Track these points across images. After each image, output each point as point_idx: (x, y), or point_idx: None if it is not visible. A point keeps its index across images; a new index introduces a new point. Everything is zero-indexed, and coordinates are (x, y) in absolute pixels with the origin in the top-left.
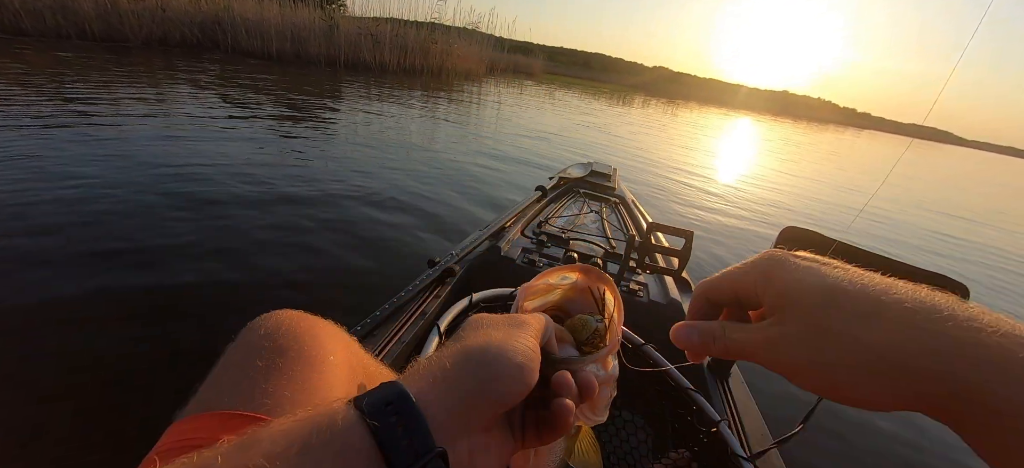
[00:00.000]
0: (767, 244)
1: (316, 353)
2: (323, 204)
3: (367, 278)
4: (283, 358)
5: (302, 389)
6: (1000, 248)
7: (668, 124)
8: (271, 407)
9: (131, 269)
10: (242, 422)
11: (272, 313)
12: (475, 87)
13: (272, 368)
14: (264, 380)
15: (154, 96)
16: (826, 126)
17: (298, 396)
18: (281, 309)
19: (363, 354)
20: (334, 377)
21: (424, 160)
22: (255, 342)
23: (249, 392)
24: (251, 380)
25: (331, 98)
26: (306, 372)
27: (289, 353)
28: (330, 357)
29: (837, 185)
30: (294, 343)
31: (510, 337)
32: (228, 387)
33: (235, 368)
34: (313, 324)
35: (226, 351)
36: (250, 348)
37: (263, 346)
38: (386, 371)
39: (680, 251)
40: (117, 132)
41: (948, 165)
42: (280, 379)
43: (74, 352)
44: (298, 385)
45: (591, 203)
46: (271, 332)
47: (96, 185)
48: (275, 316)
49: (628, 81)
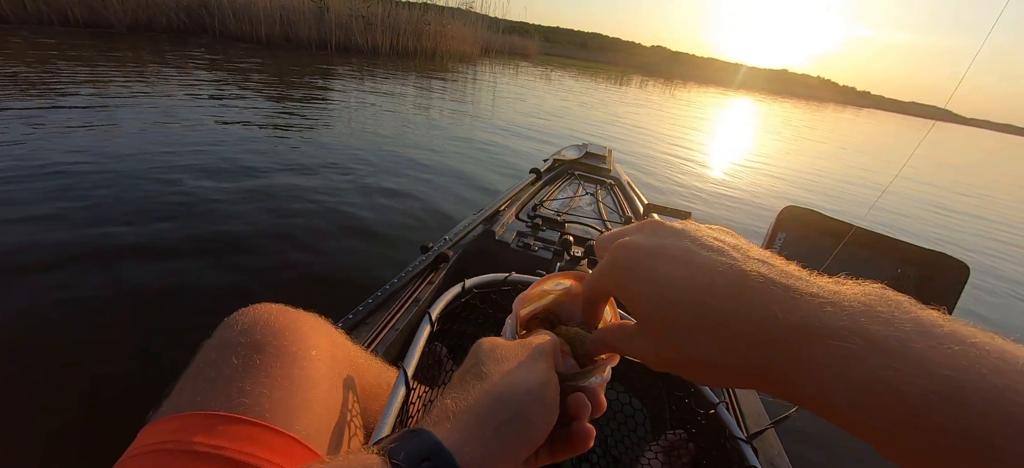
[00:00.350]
0: (766, 225)
1: (297, 349)
2: (312, 191)
3: (358, 266)
4: (261, 355)
5: (281, 387)
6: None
7: (665, 104)
8: (248, 406)
9: (106, 260)
10: (218, 423)
11: (250, 307)
12: (470, 69)
13: (249, 366)
14: (241, 379)
15: (140, 83)
16: (825, 105)
17: (277, 394)
18: (261, 303)
19: (350, 347)
20: (316, 373)
21: (417, 144)
22: (231, 339)
23: (225, 392)
24: (227, 379)
25: (322, 82)
26: (286, 369)
27: (268, 349)
28: (312, 352)
29: (842, 164)
30: (273, 339)
31: (532, 372)
32: (203, 387)
33: (210, 367)
34: (294, 318)
35: (201, 349)
36: (226, 345)
37: (240, 343)
38: (375, 363)
39: None
40: (101, 120)
41: (951, 145)
42: (258, 377)
43: (42, 347)
44: (277, 383)
45: (586, 185)
46: (248, 328)
47: (77, 174)
48: (253, 311)
49: (626, 61)
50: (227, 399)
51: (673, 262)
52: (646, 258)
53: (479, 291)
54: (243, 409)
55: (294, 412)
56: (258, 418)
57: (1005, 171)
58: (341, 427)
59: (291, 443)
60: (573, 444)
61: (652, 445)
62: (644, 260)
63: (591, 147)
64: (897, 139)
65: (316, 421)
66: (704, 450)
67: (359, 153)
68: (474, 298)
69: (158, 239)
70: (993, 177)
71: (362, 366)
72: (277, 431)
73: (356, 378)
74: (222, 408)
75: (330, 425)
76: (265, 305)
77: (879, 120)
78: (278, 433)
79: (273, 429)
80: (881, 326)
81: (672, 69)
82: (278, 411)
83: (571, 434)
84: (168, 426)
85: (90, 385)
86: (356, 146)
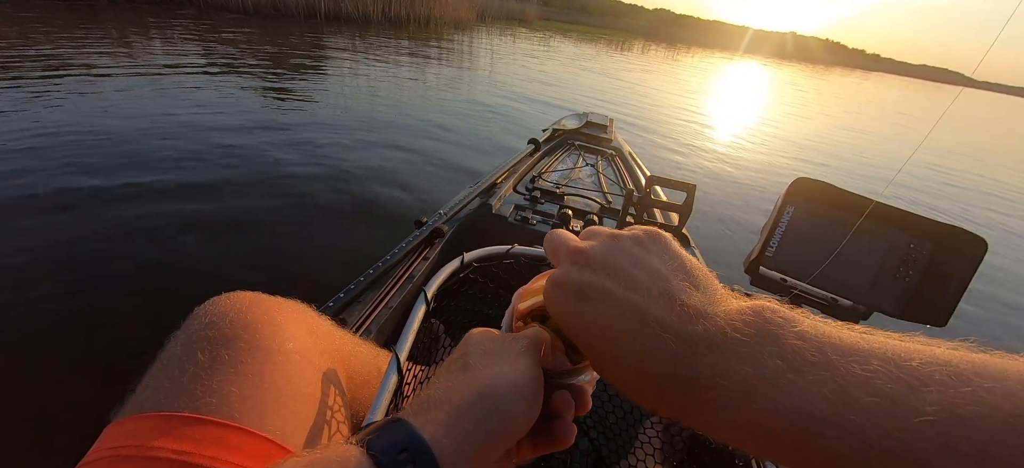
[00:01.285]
0: (774, 196)
1: (271, 341)
2: (302, 166)
3: (350, 242)
4: (230, 349)
5: (252, 383)
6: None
7: (667, 70)
8: (215, 406)
9: (79, 243)
10: (181, 425)
11: (221, 297)
12: (465, 37)
13: (217, 361)
14: (207, 376)
15: (125, 55)
16: (831, 69)
17: (248, 391)
18: (234, 292)
19: (335, 333)
20: (292, 366)
21: (410, 114)
22: (198, 333)
23: (189, 390)
24: (192, 377)
25: (311, 52)
26: (258, 364)
27: (238, 343)
28: (288, 345)
29: (852, 131)
30: (244, 332)
31: (516, 366)
32: (166, 385)
33: (174, 363)
34: (269, 307)
35: (166, 343)
36: (192, 340)
37: (206, 337)
38: (366, 348)
39: (681, 206)
40: (83, 93)
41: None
42: (226, 374)
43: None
44: (248, 379)
45: (586, 156)
46: (216, 320)
47: (55, 149)
48: (224, 301)
49: (628, 25)
50: (192, 399)
51: (593, 304)
52: (572, 302)
53: (479, 264)
54: (209, 409)
55: (267, 410)
56: (226, 418)
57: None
58: (324, 422)
59: (263, 444)
60: (555, 440)
61: (650, 421)
62: (570, 304)
63: (592, 116)
64: (905, 105)
65: (293, 418)
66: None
67: (349, 127)
68: (474, 272)
69: (137, 218)
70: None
71: (350, 353)
72: (247, 431)
73: (343, 367)
74: (186, 409)
75: (311, 421)
76: (238, 294)
77: (888, 84)
78: (248, 434)
79: (242, 430)
80: (752, 366)
81: (675, 33)
82: (249, 410)
83: (553, 430)
84: (129, 427)
85: (51, 379)
86: (347, 119)
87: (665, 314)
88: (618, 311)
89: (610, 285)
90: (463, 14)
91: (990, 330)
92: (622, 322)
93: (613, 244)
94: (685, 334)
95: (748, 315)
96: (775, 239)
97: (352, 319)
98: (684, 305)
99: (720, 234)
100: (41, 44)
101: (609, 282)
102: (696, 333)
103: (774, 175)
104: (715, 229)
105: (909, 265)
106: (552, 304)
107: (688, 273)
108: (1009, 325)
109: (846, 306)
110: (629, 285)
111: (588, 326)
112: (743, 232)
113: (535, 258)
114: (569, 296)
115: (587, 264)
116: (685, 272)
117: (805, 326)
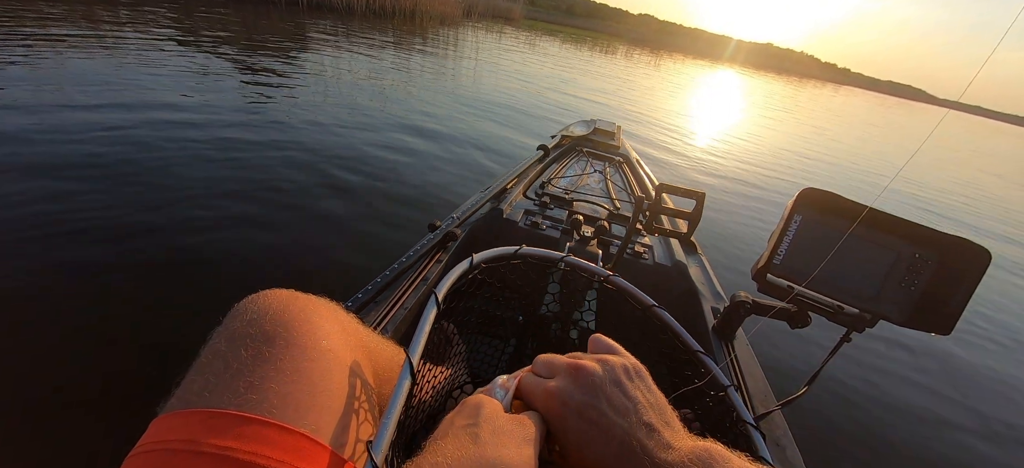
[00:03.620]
0: (780, 208)
1: (307, 339)
2: (308, 168)
3: (365, 245)
4: (271, 347)
5: (291, 380)
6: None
7: (653, 76)
8: (257, 403)
9: (93, 242)
10: (226, 422)
11: (259, 294)
12: (451, 32)
13: (258, 359)
14: (250, 373)
15: (96, 41)
16: (806, 81)
17: (287, 389)
18: (270, 289)
19: (362, 331)
20: (326, 363)
21: (414, 112)
22: (240, 330)
23: (233, 387)
24: (235, 373)
25: (295, 43)
26: (296, 361)
27: (277, 341)
28: (323, 342)
29: (841, 143)
30: (283, 329)
31: (521, 455)
32: (212, 381)
33: (218, 359)
34: (304, 305)
35: (210, 338)
36: (235, 336)
37: (248, 334)
38: (387, 346)
39: (690, 213)
40: (52, 85)
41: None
42: (267, 371)
43: (28, 340)
44: (287, 376)
45: (594, 162)
46: (257, 317)
47: (31, 148)
48: (263, 298)
49: (612, 29)
50: (235, 395)
51: (589, 424)
52: (572, 418)
53: (487, 265)
54: (251, 406)
55: (303, 406)
56: (266, 415)
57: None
58: (353, 417)
59: (299, 439)
60: None
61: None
62: (570, 419)
63: (600, 123)
64: (874, 117)
65: (326, 413)
66: (710, 431)
67: (352, 125)
68: (482, 273)
69: (140, 220)
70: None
71: (374, 350)
72: (285, 428)
73: (368, 363)
74: (231, 405)
75: (341, 416)
76: (275, 292)
77: (859, 97)
78: (286, 430)
79: (281, 426)
80: None
81: (660, 39)
82: (287, 406)
83: None
84: (176, 422)
85: (93, 374)
86: (348, 117)
87: (646, 441)
88: (610, 434)
89: (606, 409)
90: (449, 10)
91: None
92: (611, 443)
93: (610, 373)
94: (660, 460)
95: (702, 453)
96: (783, 247)
97: (369, 318)
98: (659, 436)
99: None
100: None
101: (606, 407)
102: (666, 460)
103: (778, 182)
104: (721, 235)
105: (915, 274)
106: (554, 415)
107: (661, 410)
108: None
109: (852, 313)
110: (620, 412)
111: (582, 439)
112: (724, 241)
113: (542, 259)
114: (570, 412)
115: (588, 388)
116: (659, 409)
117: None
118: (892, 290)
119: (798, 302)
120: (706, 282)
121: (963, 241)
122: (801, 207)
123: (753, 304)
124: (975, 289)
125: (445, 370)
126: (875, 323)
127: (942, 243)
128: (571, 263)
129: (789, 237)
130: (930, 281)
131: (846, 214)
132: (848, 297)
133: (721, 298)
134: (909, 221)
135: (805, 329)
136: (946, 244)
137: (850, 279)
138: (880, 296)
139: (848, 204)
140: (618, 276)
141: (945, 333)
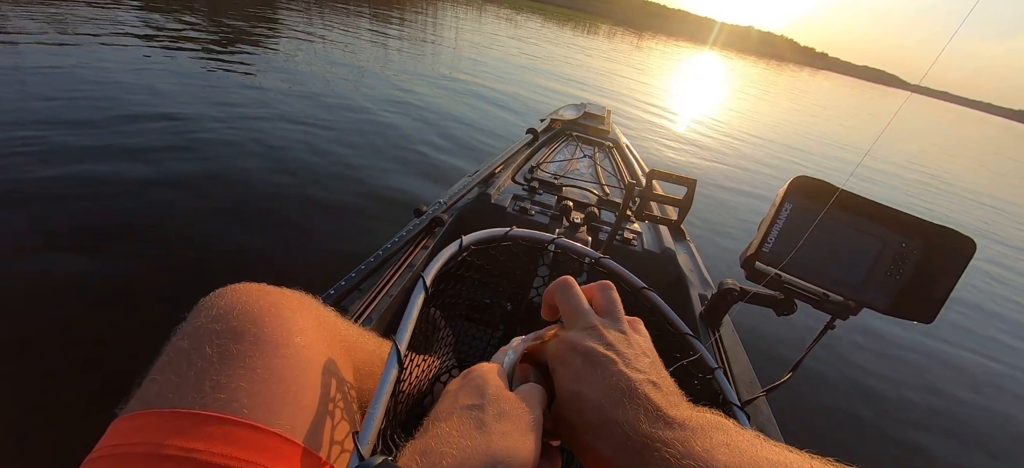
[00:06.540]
0: (772, 194)
1: (278, 335)
2: (283, 151)
3: (346, 231)
4: (238, 343)
5: (261, 378)
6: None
7: (634, 58)
8: (224, 402)
9: (53, 243)
10: (190, 422)
11: (226, 288)
12: (430, 8)
13: (225, 356)
14: (216, 372)
15: (54, 23)
16: (784, 65)
17: (257, 387)
18: (238, 283)
19: (340, 324)
20: (300, 360)
21: (394, 91)
22: (205, 326)
23: (197, 386)
24: (200, 372)
25: (267, 22)
26: (267, 359)
27: (246, 337)
28: (296, 338)
29: (820, 129)
30: (252, 325)
31: (527, 443)
32: (174, 380)
33: (182, 357)
34: (276, 300)
35: (172, 336)
36: (199, 333)
37: (214, 330)
38: (368, 338)
39: (681, 200)
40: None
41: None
42: (235, 369)
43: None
44: (257, 374)
45: (584, 147)
46: (224, 313)
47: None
48: (230, 293)
49: (595, 8)
50: (200, 394)
51: (597, 369)
52: (578, 360)
53: (478, 247)
54: (218, 405)
55: (276, 405)
56: (235, 415)
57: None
58: (330, 416)
59: (273, 439)
60: None
61: None
62: (577, 361)
63: (590, 107)
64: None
65: (302, 412)
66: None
67: (329, 105)
68: (472, 255)
69: (109, 215)
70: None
71: (354, 344)
72: (257, 428)
73: (348, 358)
74: (195, 405)
75: (318, 415)
76: (243, 286)
77: (835, 82)
78: (258, 430)
79: (252, 426)
80: (702, 442)
81: (642, 20)
82: (258, 405)
83: None
84: (137, 424)
85: (50, 374)
86: (325, 96)
87: (653, 395)
88: (615, 381)
89: (615, 358)
90: None
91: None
92: (615, 390)
93: (622, 330)
94: (667, 415)
95: (708, 414)
96: (772, 234)
97: (353, 307)
98: (669, 393)
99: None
100: None
101: (615, 356)
102: (672, 415)
103: (767, 170)
104: (709, 223)
105: (900, 263)
106: (559, 358)
107: (665, 376)
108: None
109: (837, 301)
110: (629, 364)
111: (585, 387)
112: (706, 224)
113: (533, 241)
114: (578, 354)
115: (600, 337)
116: (664, 375)
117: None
118: (878, 278)
119: (785, 289)
120: (694, 269)
121: (948, 230)
122: (792, 195)
123: (740, 291)
124: (959, 278)
125: (431, 358)
126: (859, 311)
127: (928, 232)
128: (562, 245)
129: (779, 225)
130: (915, 269)
131: (836, 202)
132: (834, 284)
133: (709, 285)
134: (896, 209)
135: (790, 316)
136: (932, 233)
137: (837, 266)
138: (866, 284)
139: (839, 193)
140: (609, 258)
141: (928, 321)
